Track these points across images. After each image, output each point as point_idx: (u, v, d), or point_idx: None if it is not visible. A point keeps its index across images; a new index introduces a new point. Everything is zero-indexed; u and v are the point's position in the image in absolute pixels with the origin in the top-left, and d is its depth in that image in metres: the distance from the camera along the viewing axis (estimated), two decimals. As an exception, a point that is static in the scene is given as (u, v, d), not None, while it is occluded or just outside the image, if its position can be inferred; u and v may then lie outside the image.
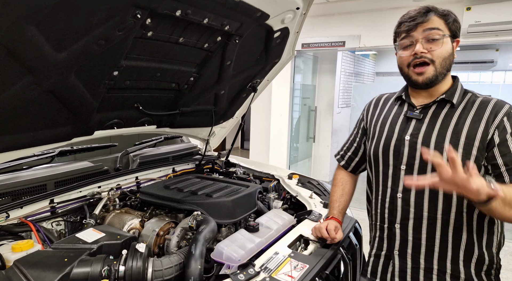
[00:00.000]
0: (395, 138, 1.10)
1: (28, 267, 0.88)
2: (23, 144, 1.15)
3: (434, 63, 1.00)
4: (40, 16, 0.85)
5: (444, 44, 1.00)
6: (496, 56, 5.90)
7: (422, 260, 1.06)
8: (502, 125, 0.97)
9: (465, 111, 1.02)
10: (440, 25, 0.99)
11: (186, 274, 0.98)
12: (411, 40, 1.02)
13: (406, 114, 1.10)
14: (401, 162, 1.07)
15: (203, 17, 1.24)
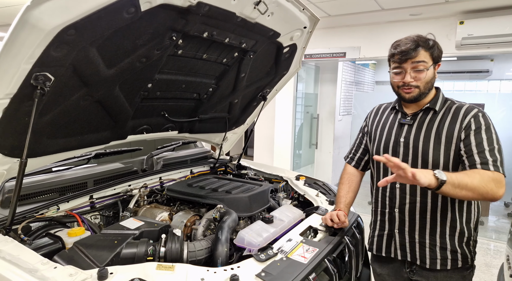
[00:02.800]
0: (393, 140, 1.35)
1: (86, 248, 1.05)
2: (72, 146, 1.34)
3: (419, 87, 1.25)
4: (100, 40, 1.05)
5: (428, 72, 1.24)
6: (491, 66, 6.12)
7: (417, 235, 1.31)
8: (469, 124, 1.22)
9: (445, 115, 1.28)
10: (425, 58, 1.23)
11: (215, 256, 1.16)
12: (401, 70, 1.27)
13: (400, 121, 1.35)
14: (398, 158, 1.28)
15: (225, 37, 1.44)
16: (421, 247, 1.30)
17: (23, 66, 0.91)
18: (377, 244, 1.42)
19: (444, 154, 1.24)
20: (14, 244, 1.03)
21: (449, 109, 1.29)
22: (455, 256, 1.28)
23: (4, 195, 1.26)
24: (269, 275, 1.00)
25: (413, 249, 1.32)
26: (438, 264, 1.28)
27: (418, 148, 1.28)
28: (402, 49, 1.24)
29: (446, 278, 1.29)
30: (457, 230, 1.27)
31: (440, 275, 1.30)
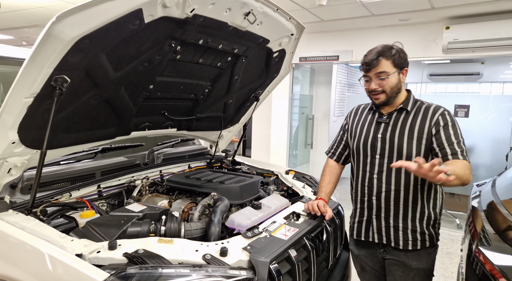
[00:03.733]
0: (371, 136, 1.54)
1: (97, 226, 1.23)
2: (82, 140, 1.52)
3: (385, 92, 1.44)
4: (109, 48, 1.23)
5: (391, 78, 1.43)
6: (482, 69, 6.31)
7: (391, 220, 1.49)
8: (437, 121, 1.41)
9: (416, 114, 1.47)
10: (387, 67, 1.41)
11: (208, 234, 1.33)
12: (368, 78, 1.46)
13: (377, 120, 1.54)
14: (376, 153, 1.51)
15: (219, 43, 1.61)
16: (395, 230, 1.48)
17: (45, 70, 1.08)
18: (357, 229, 1.60)
19: (416, 147, 1.43)
20: (36, 222, 1.20)
21: (419, 108, 1.47)
22: (423, 237, 1.46)
23: (23, 183, 1.43)
24: (253, 248, 1.17)
25: (388, 233, 1.49)
26: (410, 245, 1.46)
27: (393, 143, 1.46)
28: (365, 61, 1.44)
29: (415, 255, 1.47)
30: (425, 215, 1.45)
31: (411, 254, 1.48)
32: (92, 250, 1.05)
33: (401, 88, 1.48)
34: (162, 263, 1.03)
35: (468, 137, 4.44)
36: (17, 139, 1.21)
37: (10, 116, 1.12)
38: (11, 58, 1.77)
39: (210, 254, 1.12)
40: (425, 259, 1.48)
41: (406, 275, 1.49)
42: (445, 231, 4.12)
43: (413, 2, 3.53)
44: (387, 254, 1.53)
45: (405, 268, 1.48)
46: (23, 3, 4.11)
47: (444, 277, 3.08)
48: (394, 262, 1.51)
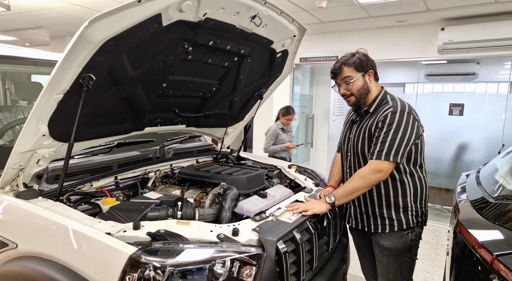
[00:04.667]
0: (347, 136, 1.73)
1: (119, 211, 1.35)
2: (102, 134, 1.64)
3: (354, 94, 1.60)
4: (130, 48, 1.35)
5: (356, 82, 1.58)
6: (477, 69, 6.43)
7: (363, 208, 1.67)
8: (379, 120, 1.54)
9: (372, 115, 1.61)
10: (350, 73, 1.58)
11: (219, 219, 1.45)
12: (337, 85, 1.64)
13: (351, 120, 1.73)
14: (348, 150, 1.70)
15: (227, 44, 1.74)
16: (367, 217, 1.67)
17: (75, 69, 1.20)
18: (344, 215, 1.82)
19: (367, 146, 1.58)
20: (65, 207, 1.32)
21: (377, 109, 1.60)
22: (391, 222, 1.61)
23: (48, 173, 1.55)
24: (262, 229, 1.30)
25: (362, 219, 1.69)
26: (379, 228, 1.63)
27: (354, 143, 1.64)
28: (332, 70, 1.63)
29: (386, 237, 1.64)
30: (392, 203, 1.60)
31: (382, 235, 1.64)
32: (119, 229, 1.17)
33: (368, 89, 1.62)
34: (182, 241, 1.16)
35: (463, 134, 4.59)
36: (47, 132, 1.33)
37: (43, 110, 1.24)
38: (21, 58, 1.89)
39: (224, 234, 1.24)
40: (396, 240, 1.62)
41: (382, 254, 1.67)
42: (440, 225, 4.25)
43: (409, 4, 3.67)
44: (371, 236, 1.71)
45: (380, 247, 1.66)
46: (31, 5, 4.24)
47: (438, 267, 3.22)
48: (374, 242, 1.70)
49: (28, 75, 2.67)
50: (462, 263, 1.07)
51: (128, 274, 1.06)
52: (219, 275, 1.13)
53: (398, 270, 1.64)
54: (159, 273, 1.06)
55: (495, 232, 1.00)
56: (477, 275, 0.94)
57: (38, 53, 2.05)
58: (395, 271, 1.65)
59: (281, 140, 4.07)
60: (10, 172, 1.35)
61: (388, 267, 1.66)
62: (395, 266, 1.64)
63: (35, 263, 1.18)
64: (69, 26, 5.30)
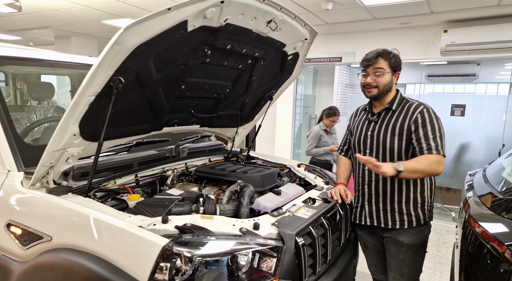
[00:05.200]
0: (363, 134, 1.78)
1: (146, 206, 1.43)
2: (124, 134, 1.72)
3: (378, 87, 1.66)
4: (157, 53, 1.43)
5: (385, 76, 1.65)
6: (477, 70, 6.54)
7: (381, 205, 1.71)
8: (416, 119, 1.62)
9: (399, 113, 1.68)
10: (384, 66, 1.64)
11: (238, 215, 1.53)
12: (366, 73, 1.69)
13: (369, 119, 1.77)
14: (366, 148, 1.75)
15: (243, 48, 1.82)
16: (384, 213, 1.71)
17: (107, 72, 1.28)
18: (354, 213, 1.85)
19: (397, 143, 1.65)
20: (95, 202, 1.40)
21: (403, 107, 1.69)
22: (410, 218, 1.67)
23: (74, 171, 1.63)
24: (280, 224, 1.38)
25: (378, 216, 1.73)
26: (397, 224, 1.69)
27: (379, 140, 1.69)
28: (367, 58, 1.67)
29: (405, 233, 1.69)
30: (411, 199, 1.67)
31: (401, 231, 1.69)
32: (149, 223, 1.25)
33: (391, 88, 1.70)
34: (208, 233, 1.24)
35: (464, 134, 4.67)
36: (77, 132, 1.41)
37: (75, 111, 1.32)
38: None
39: (245, 227, 1.32)
40: (414, 236, 1.69)
41: (399, 250, 1.71)
42: (441, 223, 4.34)
43: (413, 7, 3.75)
44: (384, 233, 1.76)
45: (398, 244, 1.70)
46: (39, 6, 4.30)
47: (440, 264, 3.31)
48: (389, 239, 1.74)
49: (38, 76, 2.75)
50: (473, 254, 1.15)
51: (160, 264, 1.14)
52: (242, 266, 1.21)
53: (413, 264, 1.71)
54: (188, 263, 1.14)
55: (504, 224, 1.08)
56: (488, 264, 1.02)
57: (66, 57, 2.13)
58: (410, 265, 1.70)
59: (324, 142, 3.90)
60: (42, 170, 1.43)
61: (403, 261, 1.70)
62: (411, 261, 1.70)
63: (71, 255, 1.26)
64: (75, 26, 5.36)
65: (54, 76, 2.57)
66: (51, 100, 2.40)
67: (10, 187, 1.48)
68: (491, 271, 1.02)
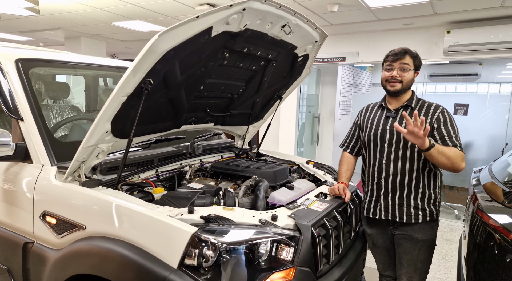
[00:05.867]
0: (381, 128, 1.83)
1: (171, 198, 1.54)
2: (148, 131, 1.83)
3: (402, 82, 1.74)
4: (182, 57, 1.54)
5: (410, 73, 1.74)
6: (479, 70, 6.62)
7: (397, 199, 1.78)
8: (438, 117, 1.72)
9: (419, 111, 1.77)
10: (409, 62, 1.74)
11: (255, 207, 1.64)
12: (391, 67, 1.75)
13: (386, 115, 1.84)
14: (385, 142, 1.80)
15: (258, 51, 1.92)
16: (400, 207, 1.77)
17: (140, 74, 1.39)
18: (367, 208, 1.89)
19: None
20: (124, 194, 1.51)
21: (422, 106, 1.78)
22: (424, 213, 1.75)
23: (101, 165, 1.74)
24: (297, 216, 1.49)
25: (394, 210, 1.78)
26: (413, 219, 1.75)
27: (400, 135, 1.74)
28: (395, 52, 1.75)
29: (419, 228, 1.77)
30: (426, 194, 1.75)
31: (415, 227, 1.77)
32: (176, 213, 1.37)
33: (411, 86, 1.79)
34: (231, 223, 1.35)
35: (467, 133, 4.77)
36: (109, 129, 1.52)
37: (110, 110, 1.43)
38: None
39: (265, 218, 1.43)
40: (428, 231, 1.77)
41: (414, 246, 1.78)
42: (445, 221, 4.45)
43: (417, 8, 3.84)
44: (396, 230, 1.82)
45: (413, 240, 1.77)
46: (54, 8, 4.41)
47: (444, 260, 3.42)
48: (402, 236, 1.80)
49: (53, 76, 2.86)
50: (481, 245, 1.25)
51: (189, 249, 1.25)
52: (262, 254, 1.32)
53: (426, 259, 1.79)
54: (214, 250, 1.25)
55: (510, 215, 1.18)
56: (496, 253, 1.12)
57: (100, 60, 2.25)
58: (424, 259, 1.78)
59: None
60: (75, 164, 1.54)
61: (418, 257, 1.77)
62: (425, 256, 1.78)
63: (105, 242, 1.37)
64: (86, 27, 5.48)
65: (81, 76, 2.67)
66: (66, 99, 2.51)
67: (44, 180, 1.60)
68: (498, 260, 1.13)
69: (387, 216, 1.80)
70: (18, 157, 1.69)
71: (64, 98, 2.49)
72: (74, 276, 1.46)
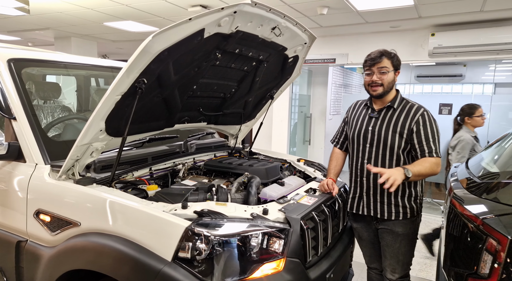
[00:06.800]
0: (364, 128, 1.89)
1: (165, 195, 1.58)
2: (141, 130, 1.87)
3: (383, 85, 1.80)
4: (176, 57, 1.58)
5: (389, 75, 1.80)
6: (464, 71, 6.85)
7: (378, 197, 1.85)
8: (418, 120, 1.76)
9: (400, 112, 1.82)
10: (387, 64, 1.79)
11: (247, 203, 1.70)
12: (371, 72, 1.81)
13: (369, 115, 1.90)
14: (366, 142, 1.88)
15: (249, 52, 1.98)
16: (381, 205, 1.83)
17: (134, 74, 1.43)
18: (350, 204, 1.96)
19: (398, 140, 1.78)
20: (118, 191, 1.55)
21: (404, 107, 1.83)
22: (405, 210, 1.81)
23: (95, 164, 1.77)
24: (287, 210, 1.55)
25: (376, 207, 1.85)
26: (393, 216, 1.81)
27: (380, 135, 1.81)
28: (371, 57, 1.80)
29: (399, 223, 1.83)
30: (406, 193, 1.81)
31: (396, 222, 1.83)
32: (170, 208, 1.41)
33: (393, 86, 1.85)
34: (224, 217, 1.40)
35: (451, 131, 4.92)
36: (103, 128, 1.56)
37: (104, 109, 1.47)
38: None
39: (256, 212, 1.49)
40: (408, 226, 1.83)
41: (395, 240, 1.84)
42: (432, 217, 4.58)
43: (402, 12, 3.97)
44: (379, 225, 1.89)
45: (394, 234, 1.84)
46: (44, 8, 4.38)
47: (429, 253, 3.54)
48: (385, 230, 1.86)
49: (44, 76, 2.86)
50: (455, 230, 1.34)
51: (183, 243, 1.29)
52: (253, 246, 1.37)
53: (407, 251, 1.86)
54: (207, 242, 1.30)
55: (481, 203, 1.27)
56: (467, 238, 1.21)
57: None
58: (405, 252, 1.85)
59: (476, 152, 3.10)
60: (69, 162, 1.57)
61: (399, 250, 1.83)
62: (406, 249, 1.84)
63: (100, 238, 1.41)
64: (75, 27, 5.45)
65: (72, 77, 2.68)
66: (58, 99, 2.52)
67: (38, 179, 1.62)
68: (469, 243, 1.21)
69: (369, 212, 1.87)
70: (11, 156, 1.71)
71: (55, 98, 2.50)
72: (67, 274, 1.48)
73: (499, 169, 1.49)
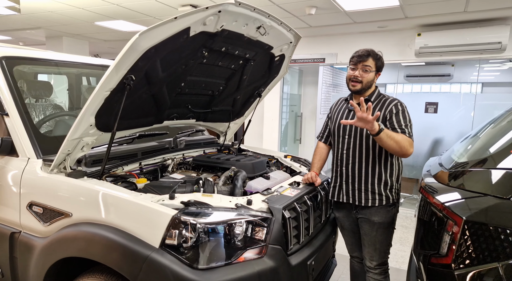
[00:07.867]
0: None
1: (153, 187, 1.65)
2: (131, 126, 1.93)
3: (362, 83, 1.91)
4: (163, 55, 1.65)
5: (370, 74, 1.91)
6: (452, 71, 6.98)
7: (356, 184, 1.95)
8: (391, 109, 1.88)
9: (377, 104, 1.94)
10: (371, 64, 1.90)
11: (233, 195, 1.77)
12: (355, 67, 1.92)
13: (348, 108, 2.02)
14: (345, 134, 1.99)
15: (236, 50, 2.06)
16: (359, 192, 1.94)
17: (122, 71, 1.50)
18: (332, 192, 2.07)
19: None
20: (108, 184, 1.61)
21: (380, 100, 1.96)
22: (380, 197, 1.91)
23: (86, 158, 1.83)
24: (270, 200, 1.63)
25: (354, 194, 1.95)
26: (370, 202, 1.92)
27: (357, 127, 1.90)
28: (359, 54, 1.91)
29: (375, 212, 1.93)
30: (382, 181, 1.91)
31: (372, 210, 1.93)
32: (158, 199, 1.48)
33: (372, 85, 1.97)
34: (209, 207, 1.47)
35: (436, 130, 5.06)
36: (93, 123, 1.62)
37: (94, 104, 1.53)
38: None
39: (240, 203, 1.56)
40: (384, 215, 1.93)
41: (371, 228, 1.95)
42: (412, 212, 4.71)
43: (388, 12, 4.08)
44: (358, 214, 1.99)
45: (370, 222, 1.94)
46: (35, 7, 4.40)
47: (409, 247, 3.64)
48: (362, 219, 1.97)
49: (36, 74, 2.91)
50: (424, 216, 1.44)
51: (170, 231, 1.37)
52: (237, 234, 1.45)
53: (384, 240, 1.96)
54: (193, 230, 1.37)
55: (446, 191, 1.37)
56: (433, 220, 1.31)
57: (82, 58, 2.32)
58: (382, 240, 1.96)
59: None
60: (61, 157, 1.63)
61: (376, 238, 1.94)
62: (382, 237, 1.95)
63: (91, 227, 1.47)
64: (68, 27, 5.47)
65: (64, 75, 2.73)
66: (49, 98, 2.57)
67: (31, 173, 1.68)
68: (434, 227, 1.31)
69: (348, 200, 1.97)
70: (4, 151, 1.76)
71: (47, 97, 2.55)
72: (59, 263, 1.54)
73: (467, 159, 1.59)
